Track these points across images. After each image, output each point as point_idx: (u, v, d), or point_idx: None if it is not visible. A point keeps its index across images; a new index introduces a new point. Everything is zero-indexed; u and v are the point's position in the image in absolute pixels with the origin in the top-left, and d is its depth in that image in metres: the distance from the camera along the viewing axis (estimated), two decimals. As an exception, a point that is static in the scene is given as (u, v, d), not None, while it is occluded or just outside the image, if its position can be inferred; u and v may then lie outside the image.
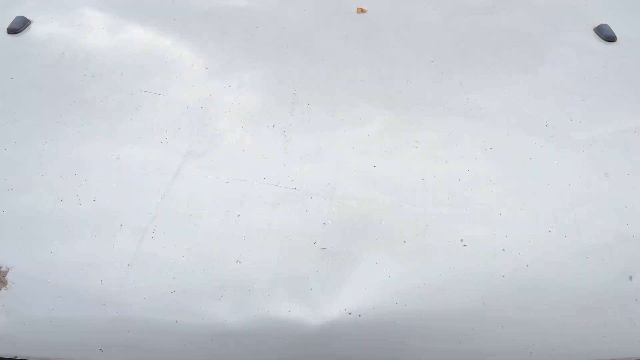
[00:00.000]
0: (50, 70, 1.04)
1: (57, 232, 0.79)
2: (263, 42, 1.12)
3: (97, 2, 1.22)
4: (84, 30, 1.14)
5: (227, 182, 0.84)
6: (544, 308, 0.74)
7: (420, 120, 0.95)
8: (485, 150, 0.90)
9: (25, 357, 0.74)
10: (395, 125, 0.94)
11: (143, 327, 0.73)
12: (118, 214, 0.80)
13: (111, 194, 0.82)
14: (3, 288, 0.75)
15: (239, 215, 0.80)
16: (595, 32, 1.16)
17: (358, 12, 1.24)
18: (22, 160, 0.88)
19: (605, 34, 1.14)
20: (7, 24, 1.15)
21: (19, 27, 1.14)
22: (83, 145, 0.90)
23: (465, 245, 0.78)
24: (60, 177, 0.85)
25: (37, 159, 0.87)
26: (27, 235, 0.79)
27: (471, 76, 1.04)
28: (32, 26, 1.16)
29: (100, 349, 0.73)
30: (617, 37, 1.13)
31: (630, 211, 0.82)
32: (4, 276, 0.76)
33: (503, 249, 0.78)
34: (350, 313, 0.72)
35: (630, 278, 0.76)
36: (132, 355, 0.74)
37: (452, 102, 0.99)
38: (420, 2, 1.24)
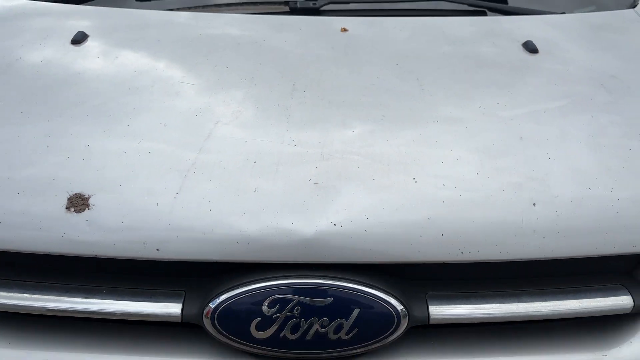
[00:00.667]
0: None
1: (126, 170, 1.10)
2: (266, 50, 1.46)
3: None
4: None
5: (246, 141, 1.17)
6: (471, 222, 1.06)
7: (386, 99, 1.30)
8: (438, 121, 1.23)
9: (103, 255, 1.04)
10: (371, 105, 1.28)
11: (188, 235, 1.03)
12: (170, 160, 1.12)
13: (166, 146, 1.15)
14: (87, 209, 1.06)
15: (255, 162, 1.12)
16: (523, 46, 1.52)
17: (342, 30, 1.59)
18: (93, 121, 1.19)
19: (530, 48, 1.50)
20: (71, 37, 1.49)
21: (79, 39, 1.48)
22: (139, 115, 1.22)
23: (416, 182, 1.10)
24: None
25: (102, 131, 1.19)
26: (103, 174, 1.10)
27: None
28: (89, 39, 1.49)
29: (157, 249, 1.03)
30: (539, 50, 1.50)
31: (536, 162, 1.15)
32: (87, 201, 1.07)
33: (443, 184, 1.10)
34: (334, 224, 1.03)
35: (534, 204, 1.08)
36: (182, 252, 1.04)
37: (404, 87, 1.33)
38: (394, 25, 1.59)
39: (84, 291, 1.07)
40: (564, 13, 1.74)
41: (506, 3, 1.78)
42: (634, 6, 1.78)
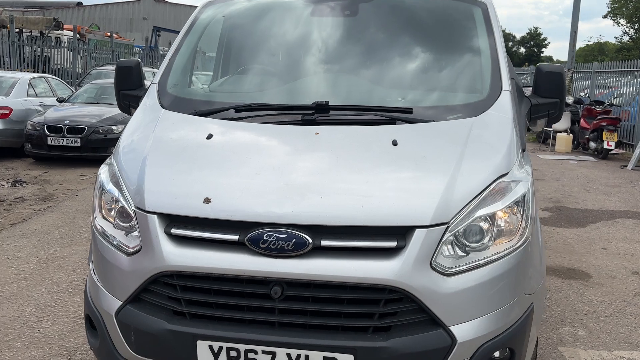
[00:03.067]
0: None
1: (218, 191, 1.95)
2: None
3: None
4: None
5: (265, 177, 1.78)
6: (365, 193, 1.65)
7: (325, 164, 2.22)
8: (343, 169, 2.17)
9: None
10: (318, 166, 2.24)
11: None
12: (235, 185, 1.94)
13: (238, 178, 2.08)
14: (210, 203, 1.84)
15: (277, 188, 1.73)
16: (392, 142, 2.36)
17: (315, 133, 2.15)
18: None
19: (394, 143, 2.35)
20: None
21: (209, 136, 2.40)
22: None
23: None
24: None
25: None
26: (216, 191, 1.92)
27: None
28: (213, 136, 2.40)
29: (231, 216, 1.63)
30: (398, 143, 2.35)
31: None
32: (210, 200, 1.76)
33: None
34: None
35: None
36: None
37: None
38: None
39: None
40: (433, 121, 2.50)
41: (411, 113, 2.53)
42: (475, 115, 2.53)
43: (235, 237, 2.01)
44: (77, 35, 20.98)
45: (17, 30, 19.18)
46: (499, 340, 2.09)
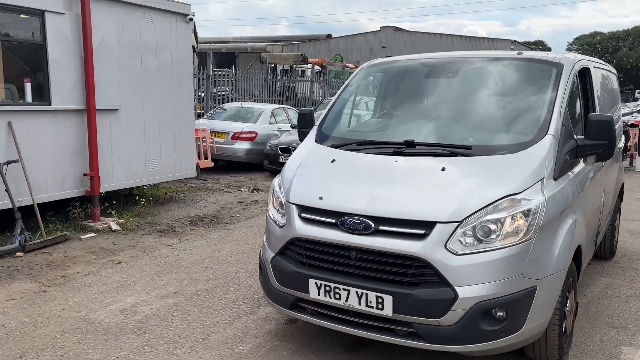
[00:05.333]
0: None
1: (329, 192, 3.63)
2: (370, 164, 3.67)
3: None
4: None
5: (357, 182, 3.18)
6: (409, 199, 2.97)
7: (396, 180, 3.52)
8: (405, 184, 3.18)
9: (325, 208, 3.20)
10: (391, 181, 3.58)
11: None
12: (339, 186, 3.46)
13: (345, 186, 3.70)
14: (322, 199, 3.46)
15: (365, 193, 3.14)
16: (441, 170, 3.23)
17: (395, 162, 3.45)
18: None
19: (442, 169, 3.24)
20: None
21: (332, 160, 3.63)
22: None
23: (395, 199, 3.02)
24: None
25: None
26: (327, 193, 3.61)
27: None
28: (336, 160, 3.66)
29: (337, 207, 3.14)
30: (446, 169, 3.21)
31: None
32: (322, 197, 3.21)
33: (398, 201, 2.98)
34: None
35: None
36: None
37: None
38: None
39: None
40: (482, 156, 3.58)
41: (470, 149, 3.64)
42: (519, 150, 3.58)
43: (333, 220, 3.44)
44: (319, 68, 24.56)
45: (272, 65, 23.38)
46: (492, 302, 3.12)
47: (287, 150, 11.69)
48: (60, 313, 4.50)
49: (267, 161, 12.17)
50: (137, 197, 8.74)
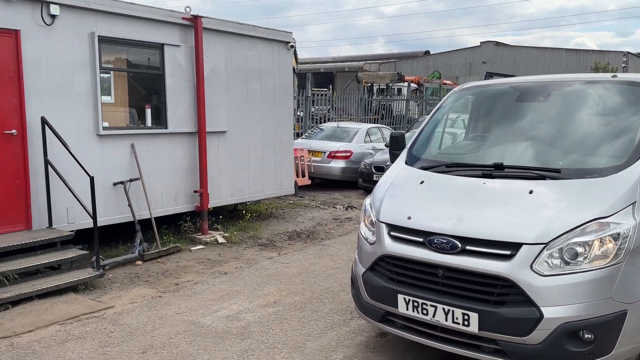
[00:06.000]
0: None
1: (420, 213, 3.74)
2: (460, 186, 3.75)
3: None
4: None
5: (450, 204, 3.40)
6: (496, 221, 3.12)
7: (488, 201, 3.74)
8: (495, 205, 3.31)
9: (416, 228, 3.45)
10: (484, 202, 3.68)
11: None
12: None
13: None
14: (410, 219, 3.66)
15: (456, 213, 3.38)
16: (529, 192, 3.35)
17: (483, 183, 3.61)
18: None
19: (530, 192, 3.40)
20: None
21: (421, 181, 3.90)
22: None
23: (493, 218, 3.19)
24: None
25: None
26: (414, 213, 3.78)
27: None
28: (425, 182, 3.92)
29: (428, 228, 3.39)
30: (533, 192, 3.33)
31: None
32: (410, 217, 3.52)
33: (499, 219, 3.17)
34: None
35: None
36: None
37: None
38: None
39: None
40: (572, 179, 3.65)
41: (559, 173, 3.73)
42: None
43: (421, 239, 3.65)
44: (415, 85, 24.63)
45: (369, 84, 23.77)
46: (579, 324, 3.17)
47: (381, 169, 11.91)
48: (174, 317, 5.02)
49: (361, 179, 12.47)
50: (244, 212, 9.36)
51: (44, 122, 6.14)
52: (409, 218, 3.76)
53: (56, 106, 6.34)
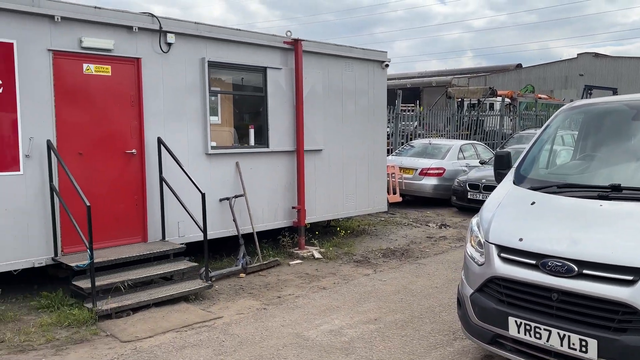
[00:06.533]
0: None
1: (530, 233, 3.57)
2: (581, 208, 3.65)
3: None
4: None
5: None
6: (615, 244, 3.03)
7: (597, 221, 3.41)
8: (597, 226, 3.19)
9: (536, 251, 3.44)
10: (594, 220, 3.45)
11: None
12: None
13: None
14: (522, 241, 3.50)
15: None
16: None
17: (599, 205, 3.52)
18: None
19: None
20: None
21: (531, 203, 3.89)
22: None
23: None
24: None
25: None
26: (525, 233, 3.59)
27: None
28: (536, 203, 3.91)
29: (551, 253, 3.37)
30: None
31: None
32: (522, 239, 3.50)
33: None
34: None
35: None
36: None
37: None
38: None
39: None
40: None
41: None
42: None
43: (533, 262, 3.59)
44: (508, 100, 23.93)
45: (459, 100, 23.39)
46: None
47: (476, 187, 11.69)
48: (280, 329, 5.22)
49: (454, 197, 12.29)
50: (337, 228, 9.52)
51: (159, 142, 6.64)
52: (521, 239, 3.72)
53: (170, 127, 6.83)
